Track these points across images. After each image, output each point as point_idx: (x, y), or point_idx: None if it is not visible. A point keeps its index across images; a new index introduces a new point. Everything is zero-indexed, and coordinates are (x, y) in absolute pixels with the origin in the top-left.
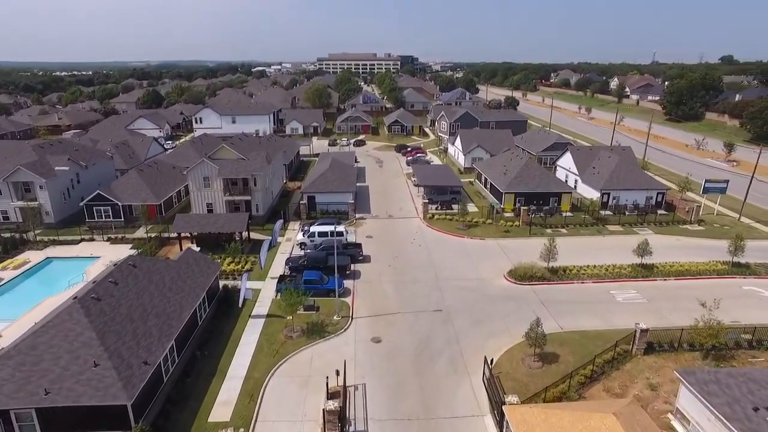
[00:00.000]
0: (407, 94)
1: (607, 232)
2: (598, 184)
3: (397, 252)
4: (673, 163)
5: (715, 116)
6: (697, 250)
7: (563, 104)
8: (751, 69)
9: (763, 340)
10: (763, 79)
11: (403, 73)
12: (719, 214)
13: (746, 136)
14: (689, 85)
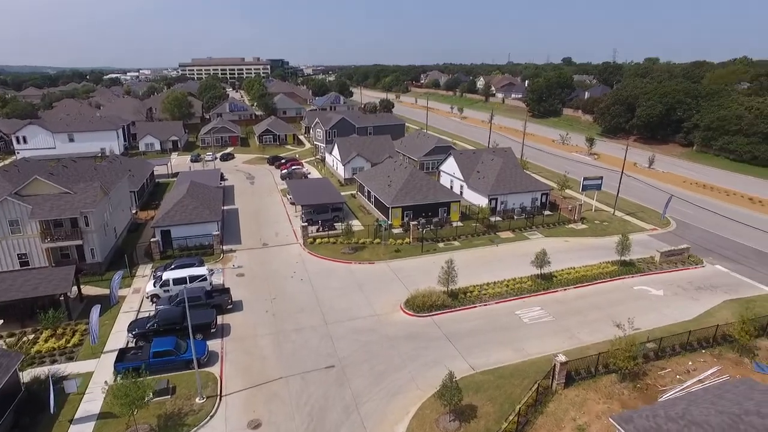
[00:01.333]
0: (278, 100)
1: (500, 240)
2: (485, 189)
3: (276, 291)
4: (546, 159)
5: (571, 112)
6: (585, 251)
7: (436, 105)
8: (590, 69)
9: (665, 347)
10: (600, 78)
11: (274, 77)
12: (597, 210)
13: (599, 130)
14: (547, 83)
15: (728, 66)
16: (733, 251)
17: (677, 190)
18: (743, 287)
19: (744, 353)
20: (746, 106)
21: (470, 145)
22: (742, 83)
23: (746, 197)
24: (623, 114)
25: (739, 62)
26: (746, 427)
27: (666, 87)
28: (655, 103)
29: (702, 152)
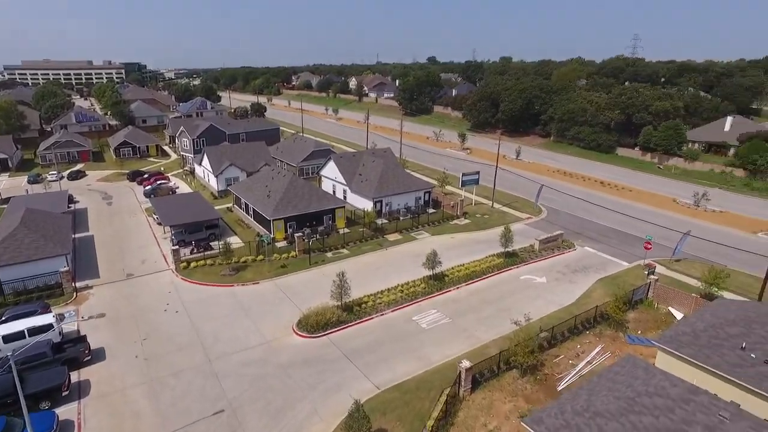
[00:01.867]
0: (136, 107)
1: (389, 243)
2: (368, 192)
3: (146, 330)
4: (423, 156)
5: (441, 109)
6: (472, 245)
7: (310, 106)
8: (454, 68)
9: (556, 334)
10: (465, 76)
11: (130, 82)
12: (477, 204)
13: (468, 125)
14: (417, 82)
15: (568, 65)
16: (596, 232)
17: (543, 178)
18: (609, 265)
19: (618, 328)
20: (588, 100)
21: (349, 147)
22: (581, 80)
23: (598, 181)
24: (489, 109)
25: (575, 62)
26: (640, 408)
27: (524, 83)
28: (516, 99)
29: (558, 142)
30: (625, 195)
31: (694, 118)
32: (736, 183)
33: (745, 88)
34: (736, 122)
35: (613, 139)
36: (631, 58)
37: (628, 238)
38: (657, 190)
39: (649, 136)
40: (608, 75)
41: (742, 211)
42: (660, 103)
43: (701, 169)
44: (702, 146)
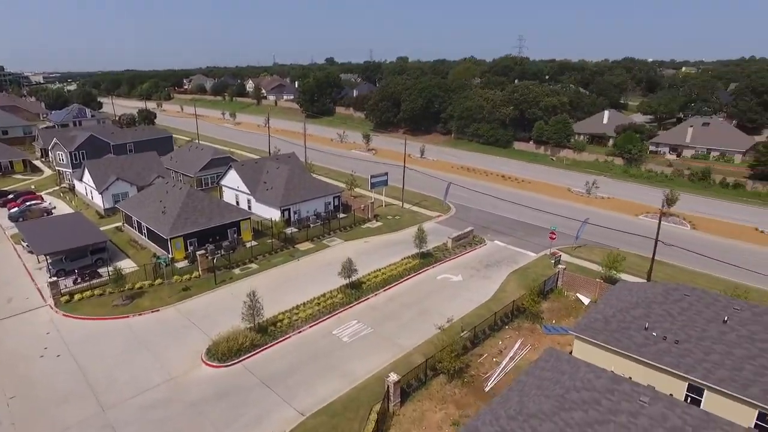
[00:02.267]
0: None
1: (301, 253)
2: (275, 200)
3: (15, 386)
4: (329, 159)
5: (343, 110)
6: (386, 248)
7: (205, 111)
8: (353, 69)
9: (478, 333)
10: (364, 77)
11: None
12: (387, 205)
13: (371, 126)
14: (317, 83)
15: (462, 64)
16: (503, 225)
17: (448, 175)
18: (519, 257)
19: (534, 320)
20: (484, 98)
21: (251, 153)
22: (476, 79)
23: (500, 175)
24: (390, 109)
25: (469, 61)
26: (570, 404)
27: (423, 83)
28: (416, 98)
29: (459, 138)
30: (525, 187)
31: (577, 112)
32: (617, 170)
33: (614, 85)
34: (612, 115)
35: (509, 134)
36: (518, 58)
37: (532, 228)
38: (552, 181)
39: (541, 130)
40: (499, 73)
41: (625, 196)
42: (548, 99)
43: (587, 159)
44: (586, 138)
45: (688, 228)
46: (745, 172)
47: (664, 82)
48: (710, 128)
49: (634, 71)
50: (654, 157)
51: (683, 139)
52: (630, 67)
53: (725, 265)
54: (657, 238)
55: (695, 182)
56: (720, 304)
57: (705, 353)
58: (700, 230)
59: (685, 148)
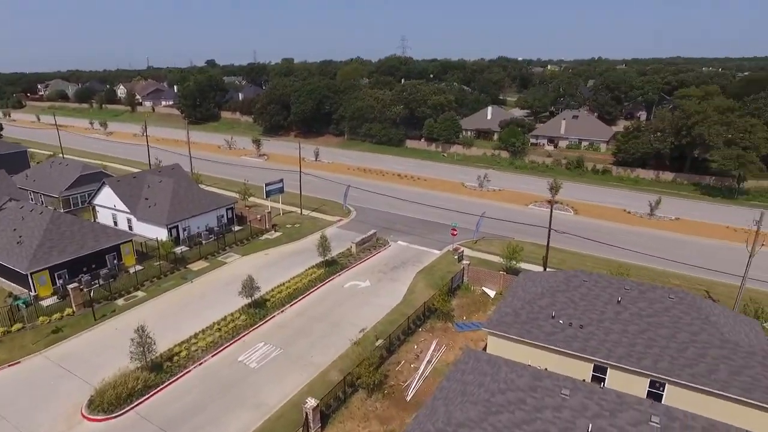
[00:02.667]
0: None
1: (194, 274)
2: (160, 218)
3: None
4: (218, 168)
5: (230, 115)
6: (289, 260)
7: (69, 121)
8: (236, 71)
9: (393, 340)
10: (249, 79)
11: None
12: (285, 213)
13: (261, 130)
14: (199, 87)
15: (349, 65)
16: (404, 225)
17: (344, 177)
18: (423, 256)
19: (446, 319)
20: (374, 98)
21: (129, 167)
22: (364, 79)
23: (396, 174)
24: (280, 112)
25: (356, 62)
26: (497, 408)
27: (312, 84)
28: (306, 100)
29: (352, 139)
30: (421, 184)
31: (463, 109)
32: (504, 163)
33: (493, 83)
34: (495, 111)
35: (401, 133)
36: (403, 58)
37: (433, 226)
38: (447, 177)
39: (432, 128)
40: (386, 73)
41: (514, 187)
42: (436, 97)
43: (476, 153)
44: (473, 133)
45: (572, 214)
46: (610, 159)
47: (534, 79)
48: (579, 120)
49: (509, 69)
50: (535, 149)
51: (558, 131)
52: (505, 66)
53: (606, 246)
54: (550, 227)
55: (572, 170)
56: (613, 287)
57: (605, 334)
58: (581, 215)
59: (561, 139)
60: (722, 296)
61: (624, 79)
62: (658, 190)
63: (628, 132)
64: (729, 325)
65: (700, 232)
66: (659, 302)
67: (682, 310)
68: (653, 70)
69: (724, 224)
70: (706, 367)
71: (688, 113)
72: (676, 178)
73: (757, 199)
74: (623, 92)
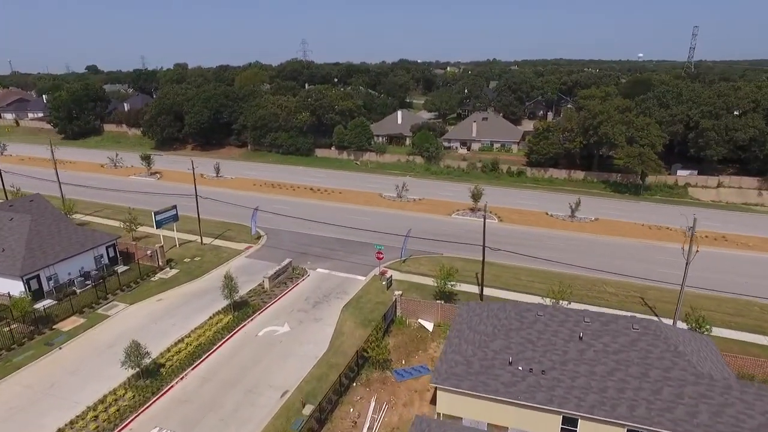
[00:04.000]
0: None
1: (65, 337)
2: (12, 268)
3: None
4: (100, 193)
5: (114, 127)
6: (189, 304)
7: None
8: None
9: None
10: (136, 87)
11: None
12: (183, 244)
13: (152, 144)
14: (73, 96)
15: (248, 69)
16: (322, 247)
17: (251, 194)
18: (347, 284)
19: (383, 366)
20: (277, 105)
21: None
22: (265, 84)
23: (307, 188)
24: (173, 123)
25: (255, 66)
26: None
27: (207, 92)
28: (201, 109)
29: (256, 150)
30: (336, 198)
31: (372, 114)
32: (419, 169)
33: (399, 86)
34: (405, 115)
35: (309, 142)
36: (305, 61)
37: (354, 246)
38: (362, 187)
39: (342, 135)
40: (288, 77)
41: (433, 195)
42: (344, 102)
43: (390, 160)
44: (385, 139)
45: (497, 221)
46: (523, 161)
47: (438, 81)
48: (489, 122)
49: (412, 71)
50: (449, 153)
51: (470, 134)
52: (408, 68)
53: (538, 256)
54: (484, 246)
55: (488, 173)
56: (572, 320)
57: (571, 379)
58: (506, 222)
59: (473, 141)
60: (656, 301)
61: (524, 79)
62: (572, 190)
63: (538, 133)
64: (693, 350)
65: (620, 232)
66: (623, 334)
67: (648, 342)
68: (549, 71)
69: (639, 222)
70: (686, 409)
71: (593, 113)
72: (586, 176)
73: (659, 194)
74: (525, 92)
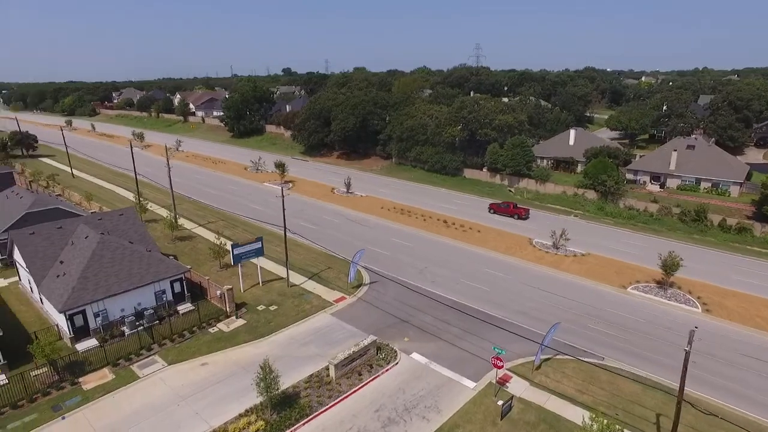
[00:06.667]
0: None
1: (80, 400)
2: (58, 298)
3: None
4: (226, 200)
5: (274, 128)
6: (230, 381)
7: (119, 130)
8: (297, 80)
9: None
10: (307, 89)
11: None
12: (269, 281)
13: (302, 148)
14: (243, 97)
15: (411, 75)
16: (434, 314)
17: (375, 220)
18: (445, 393)
19: None
20: (428, 114)
21: (127, 197)
22: (425, 91)
23: (441, 220)
24: (321, 129)
25: (420, 71)
26: None
27: (355, 98)
28: (348, 116)
29: (400, 164)
30: (472, 238)
31: (539, 130)
32: (590, 208)
33: (578, 97)
34: (579, 135)
35: (457, 160)
36: (474, 67)
37: (473, 321)
38: (510, 228)
39: (496, 155)
40: (453, 85)
41: (604, 249)
42: (503, 116)
43: (553, 191)
44: (550, 163)
45: (699, 311)
46: (747, 210)
47: (628, 93)
48: (697, 152)
49: (597, 81)
50: (633, 189)
51: (666, 166)
52: (593, 77)
53: None
54: (684, 374)
55: (688, 225)
56: None
57: None
58: (715, 313)
59: (670, 176)
60: None
61: (758, 93)
62: None
63: None
64: None
65: None
66: None
67: None
68: None
69: None
70: None
71: None
72: None
73: None
74: (755, 111)
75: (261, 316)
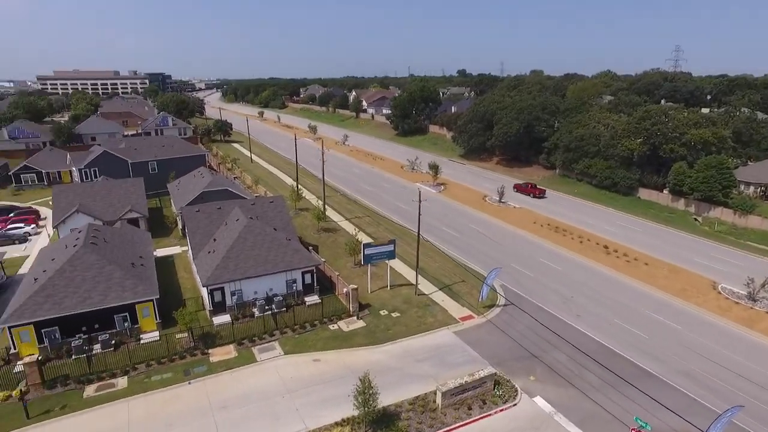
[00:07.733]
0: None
1: (203, 370)
2: (203, 273)
3: None
4: (378, 197)
5: (437, 129)
6: (336, 384)
7: (300, 121)
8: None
9: None
10: (477, 90)
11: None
12: (396, 286)
13: (461, 150)
14: (410, 97)
15: (592, 79)
16: (569, 352)
17: (524, 235)
18: None
19: None
20: (603, 123)
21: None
22: (603, 97)
23: (601, 245)
24: (482, 132)
25: (603, 76)
26: None
27: (522, 102)
28: (511, 120)
29: (564, 176)
30: (636, 271)
31: (749, 149)
32: None
33: None
34: None
35: (633, 178)
36: (670, 73)
37: (619, 377)
38: (688, 264)
39: (682, 176)
40: (641, 91)
41: None
42: (697, 131)
43: (759, 226)
44: (759, 191)
45: None
46: None
47: None
48: None
49: None
50: None
51: None
52: None
53: None
54: None
55: None
56: None
57: None
58: None
59: None
60: None
61: None
62: None
63: None
64: None
65: None
66: None
67: None
68: None
69: None
70: None
71: None
72: None
73: None
74: None
75: (381, 321)
